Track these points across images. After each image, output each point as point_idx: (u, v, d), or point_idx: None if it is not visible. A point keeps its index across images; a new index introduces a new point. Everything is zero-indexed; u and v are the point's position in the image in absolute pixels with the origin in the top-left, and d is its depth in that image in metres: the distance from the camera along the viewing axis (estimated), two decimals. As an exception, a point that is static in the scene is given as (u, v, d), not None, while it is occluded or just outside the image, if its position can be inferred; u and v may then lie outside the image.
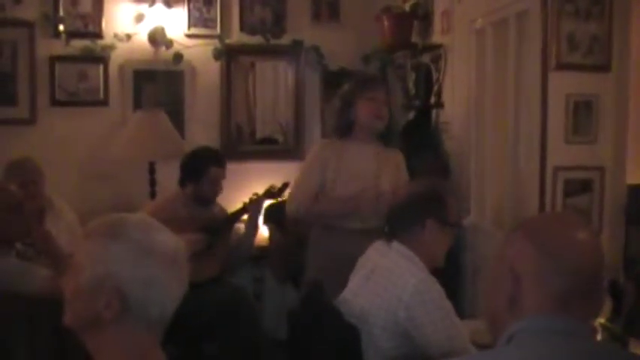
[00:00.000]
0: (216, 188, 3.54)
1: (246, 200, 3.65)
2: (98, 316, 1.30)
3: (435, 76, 3.99)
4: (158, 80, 4.37)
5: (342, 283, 2.37)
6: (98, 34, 4.28)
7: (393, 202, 2.32)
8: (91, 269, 1.31)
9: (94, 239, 1.34)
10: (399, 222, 2.25)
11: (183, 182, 3.56)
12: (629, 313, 2.21)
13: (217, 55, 4.46)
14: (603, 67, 2.93)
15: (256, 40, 4.54)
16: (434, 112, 4.00)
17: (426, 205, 2.21)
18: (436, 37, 4.02)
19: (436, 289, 2.12)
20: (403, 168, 3.20)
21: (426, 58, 4.10)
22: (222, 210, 3.70)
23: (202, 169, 3.49)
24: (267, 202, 3.81)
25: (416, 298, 2.07)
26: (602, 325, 2.16)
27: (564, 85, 2.94)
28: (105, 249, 1.31)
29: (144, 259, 1.31)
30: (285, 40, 4.58)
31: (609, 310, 2.22)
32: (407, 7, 4.25)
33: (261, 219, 3.94)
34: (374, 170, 3.10)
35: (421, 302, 2.07)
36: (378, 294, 2.14)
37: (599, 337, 2.14)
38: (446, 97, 3.91)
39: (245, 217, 3.69)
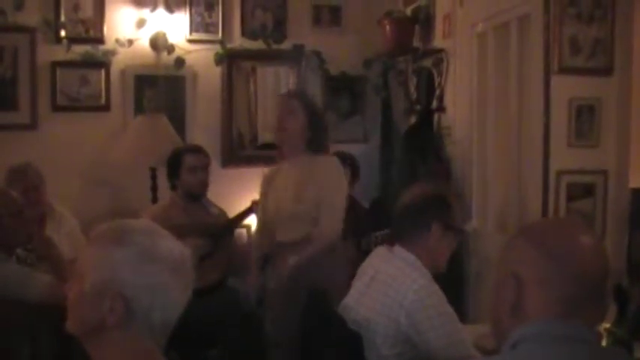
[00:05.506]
0: (197, 177, 3.53)
1: (255, 198, 3.53)
2: (102, 321, 1.30)
3: (436, 80, 3.98)
4: (159, 85, 4.36)
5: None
6: (99, 40, 4.27)
7: (398, 205, 2.29)
8: (95, 274, 1.31)
9: (99, 244, 1.35)
10: (404, 225, 2.22)
11: (172, 185, 3.59)
12: (635, 318, 2.20)
13: (219, 60, 4.45)
14: (606, 71, 2.92)
15: (257, 44, 4.53)
16: (436, 116, 3.99)
17: (433, 208, 2.19)
18: (437, 42, 4.01)
19: (437, 295, 2.10)
20: (331, 172, 3.07)
21: (427, 63, 4.10)
22: (222, 213, 3.69)
23: (178, 162, 3.53)
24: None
25: (417, 304, 2.06)
26: (607, 329, 2.14)
27: (567, 88, 2.93)
28: (110, 254, 1.32)
29: (148, 265, 1.31)
30: (286, 44, 4.58)
31: (614, 315, 2.20)
32: (408, 11, 4.25)
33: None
34: (294, 186, 3.04)
35: (422, 308, 2.05)
36: (379, 301, 2.13)
37: (604, 342, 2.12)
38: (448, 101, 3.90)
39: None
